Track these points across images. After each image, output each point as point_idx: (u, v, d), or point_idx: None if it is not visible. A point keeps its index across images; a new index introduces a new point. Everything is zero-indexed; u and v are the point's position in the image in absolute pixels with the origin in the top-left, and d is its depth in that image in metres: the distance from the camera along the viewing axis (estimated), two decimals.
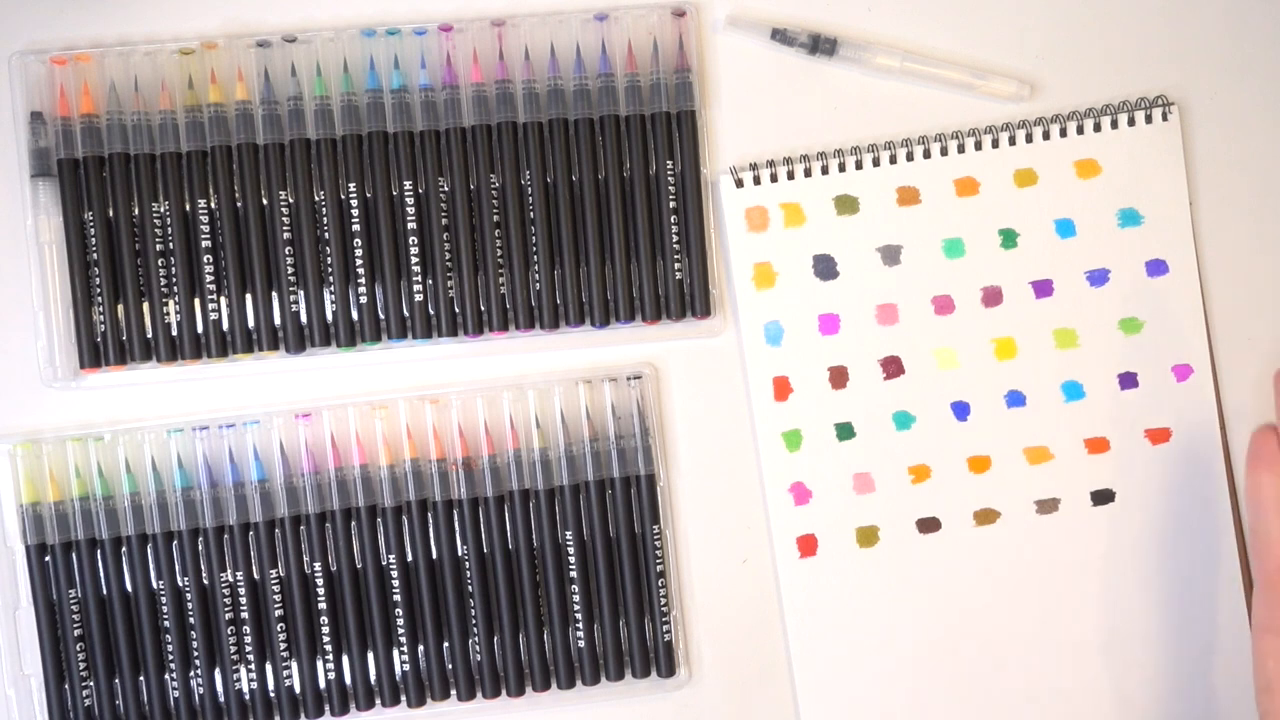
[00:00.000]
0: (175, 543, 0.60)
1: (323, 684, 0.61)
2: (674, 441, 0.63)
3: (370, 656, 0.61)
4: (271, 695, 0.61)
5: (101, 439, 0.61)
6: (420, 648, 0.61)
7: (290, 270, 0.60)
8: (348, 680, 0.61)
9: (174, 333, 0.60)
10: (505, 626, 0.61)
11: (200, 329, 0.60)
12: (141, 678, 0.61)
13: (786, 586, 0.63)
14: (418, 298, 0.60)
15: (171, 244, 0.60)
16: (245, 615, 0.61)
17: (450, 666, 0.62)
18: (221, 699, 0.61)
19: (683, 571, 0.63)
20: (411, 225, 0.60)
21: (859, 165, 0.62)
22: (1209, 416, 0.63)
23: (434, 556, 0.61)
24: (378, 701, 0.61)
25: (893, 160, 0.62)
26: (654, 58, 0.61)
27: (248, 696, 0.61)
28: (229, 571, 0.60)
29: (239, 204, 0.60)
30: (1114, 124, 0.63)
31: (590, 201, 0.61)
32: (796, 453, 0.62)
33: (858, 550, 0.63)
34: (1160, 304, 0.63)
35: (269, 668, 0.61)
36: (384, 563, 0.61)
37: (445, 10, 0.62)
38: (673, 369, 0.63)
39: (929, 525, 0.63)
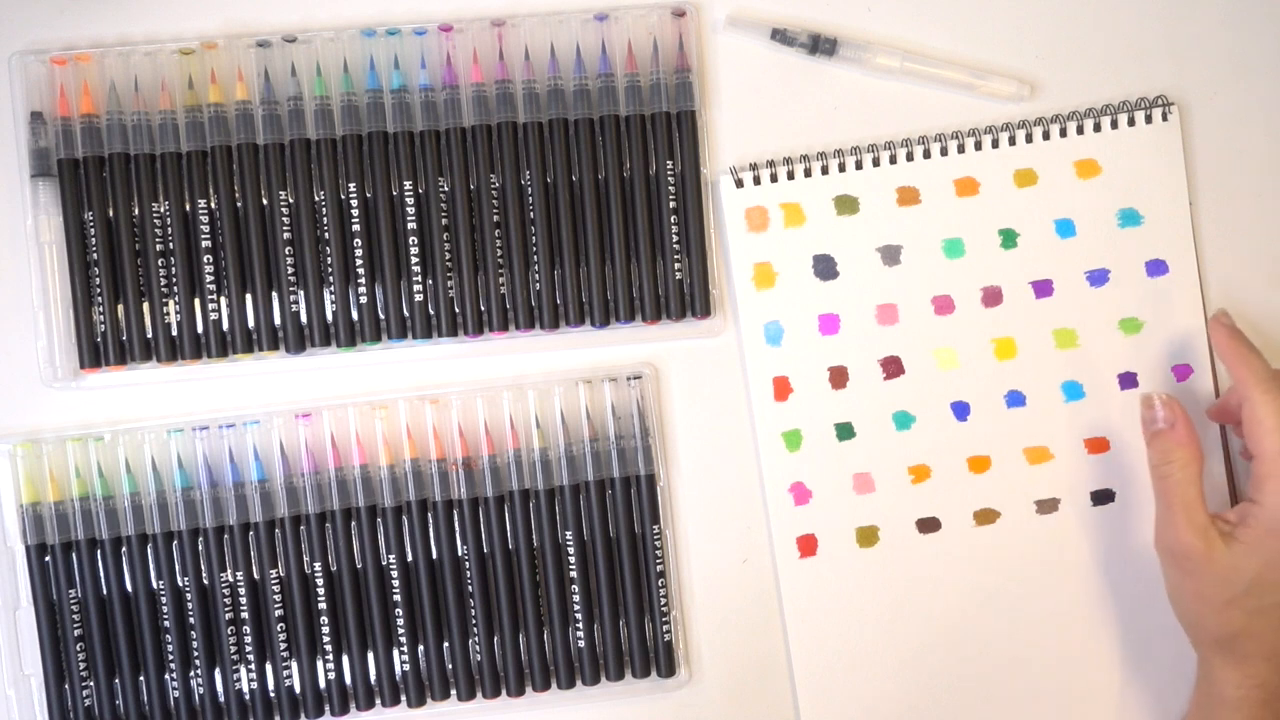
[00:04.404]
0: (175, 543, 0.60)
1: (323, 684, 0.61)
2: (674, 441, 0.63)
3: (370, 656, 0.61)
4: (271, 695, 0.61)
5: (101, 439, 0.61)
6: (420, 648, 0.61)
7: (290, 270, 0.60)
8: (348, 680, 0.61)
9: (174, 333, 0.60)
10: (505, 626, 0.61)
11: (200, 329, 0.60)
12: (141, 678, 0.61)
13: (786, 586, 0.63)
14: (418, 298, 0.60)
15: (171, 244, 0.60)
16: (245, 615, 0.61)
17: (450, 666, 0.62)
18: (221, 699, 0.61)
19: (683, 571, 0.63)
20: (411, 225, 0.60)
21: (859, 165, 0.62)
22: None
23: (434, 556, 0.61)
24: (378, 701, 0.61)
25: (893, 160, 0.62)
26: (654, 58, 0.61)
27: (248, 696, 0.61)
28: (229, 571, 0.60)
29: (239, 204, 0.60)
30: (1114, 124, 0.63)
31: (590, 201, 0.61)
32: (796, 453, 0.62)
33: (858, 550, 0.63)
34: (1160, 304, 0.63)
35: (269, 668, 0.61)
36: (384, 563, 0.61)
37: (445, 10, 0.62)
38: (673, 369, 0.63)
39: (929, 525, 0.63)
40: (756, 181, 0.62)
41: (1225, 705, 0.57)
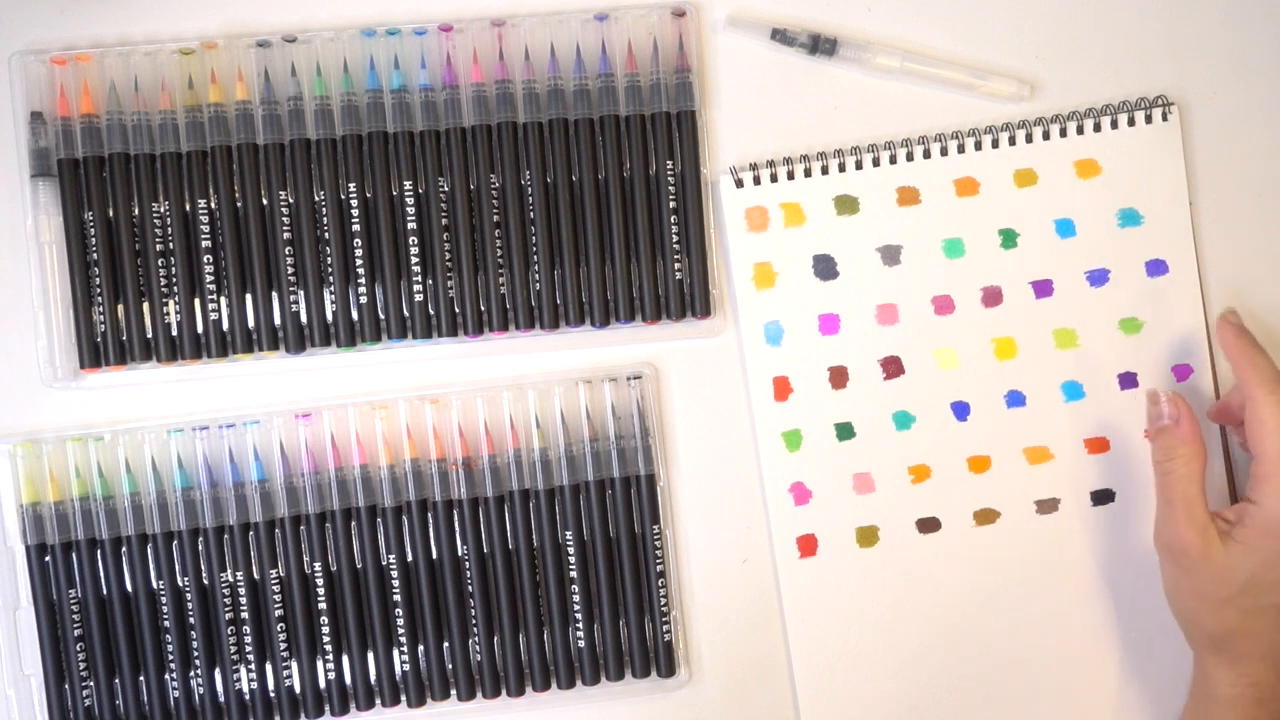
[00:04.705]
0: (175, 543, 0.60)
1: (323, 684, 0.61)
2: (674, 441, 0.63)
3: (370, 656, 0.61)
4: (271, 695, 0.61)
5: (101, 439, 0.61)
6: (420, 648, 0.61)
7: (290, 270, 0.60)
8: (348, 680, 0.61)
9: (174, 333, 0.60)
10: (505, 626, 0.61)
11: (200, 329, 0.60)
12: (141, 678, 0.61)
13: (786, 586, 0.63)
14: (418, 298, 0.60)
15: (171, 244, 0.60)
16: (245, 615, 0.61)
17: (450, 666, 0.62)
18: (221, 699, 0.61)
19: (683, 571, 0.63)
20: (411, 225, 0.60)
21: (859, 165, 0.62)
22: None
23: (434, 556, 0.61)
24: (378, 701, 0.61)
25: (893, 160, 0.62)
26: (654, 58, 0.61)
27: (248, 696, 0.61)
28: (229, 571, 0.60)
29: (239, 204, 0.60)
30: (1114, 124, 0.63)
31: (590, 201, 0.61)
32: (796, 453, 0.62)
33: (858, 550, 0.63)
34: (1160, 304, 0.63)
35: (269, 668, 0.61)
36: (384, 563, 0.61)
37: (445, 10, 0.62)
38: (673, 369, 0.63)
39: (929, 525, 0.63)
40: (756, 181, 0.62)
41: (1219, 703, 0.57)
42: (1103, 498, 0.63)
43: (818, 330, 0.62)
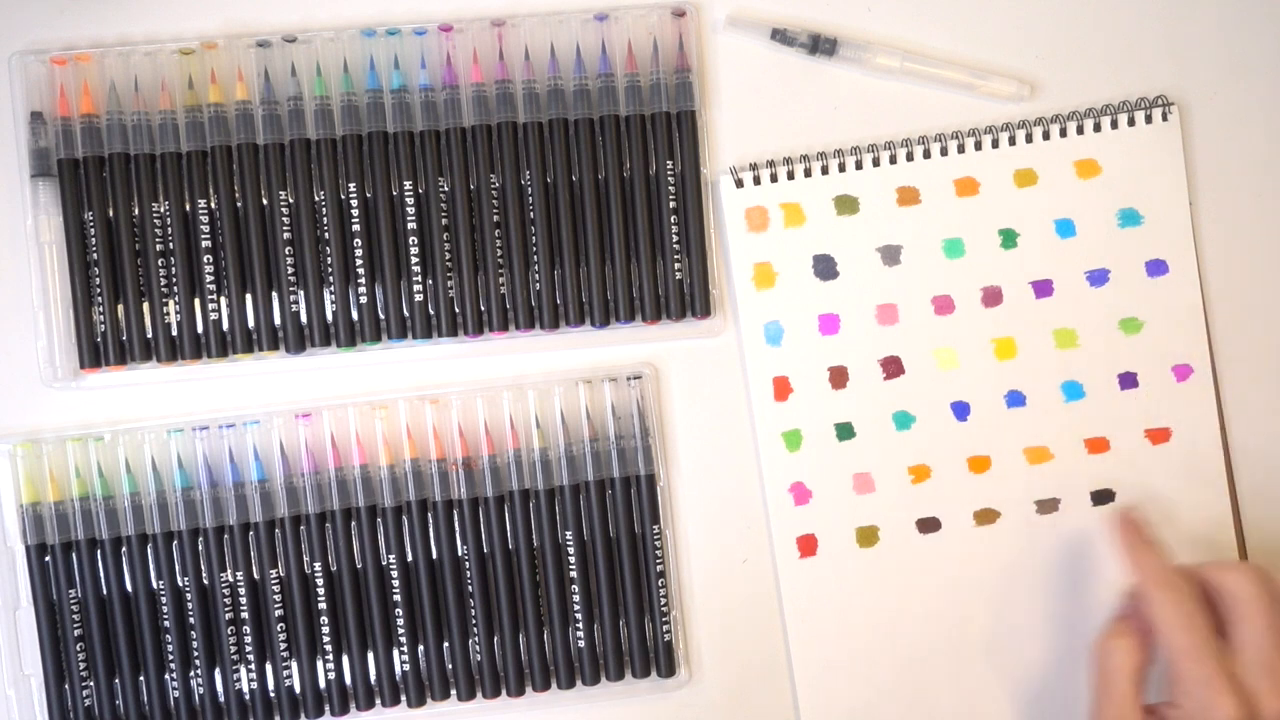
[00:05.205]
0: (175, 543, 0.60)
1: (323, 684, 0.61)
2: (674, 441, 0.63)
3: (370, 656, 0.61)
4: (271, 695, 0.61)
5: (101, 439, 0.61)
6: (420, 648, 0.61)
7: (290, 270, 0.60)
8: (348, 680, 0.61)
9: (174, 333, 0.60)
10: (505, 626, 0.61)
11: (200, 329, 0.60)
12: (141, 678, 0.61)
13: (786, 586, 0.63)
14: (418, 298, 0.60)
15: (171, 244, 0.60)
16: (245, 615, 0.61)
17: (450, 666, 0.62)
18: (221, 699, 0.61)
19: (683, 571, 0.63)
20: (411, 225, 0.60)
21: (859, 165, 0.62)
22: (1209, 416, 0.63)
23: (434, 556, 0.61)
24: (378, 701, 0.61)
25: (893, 160, 0.62)
26: (654, 58, 0.61)
27: (248, 696, 0.61)
28: (229, 571, 0.60)
29: (239, 204, 0.60)
30: (1114, 124, 0.63)
31: (590, 201, 0.61)
32: (796, 453, 0.62)
33: (858, 550, 0.63)
34: (1160, 304, 0.63)
35: (269, 668, 0.61)
36: (384, 563, 0.61)
37: (445, 10, 0.62)
38: (673, 369, 0.63)
39: (929, 525, 0.63)
40: (756, 181, 0.62)
41: None
42: (1103, 498, 0.63)
43: (818, 330, 0.62)
